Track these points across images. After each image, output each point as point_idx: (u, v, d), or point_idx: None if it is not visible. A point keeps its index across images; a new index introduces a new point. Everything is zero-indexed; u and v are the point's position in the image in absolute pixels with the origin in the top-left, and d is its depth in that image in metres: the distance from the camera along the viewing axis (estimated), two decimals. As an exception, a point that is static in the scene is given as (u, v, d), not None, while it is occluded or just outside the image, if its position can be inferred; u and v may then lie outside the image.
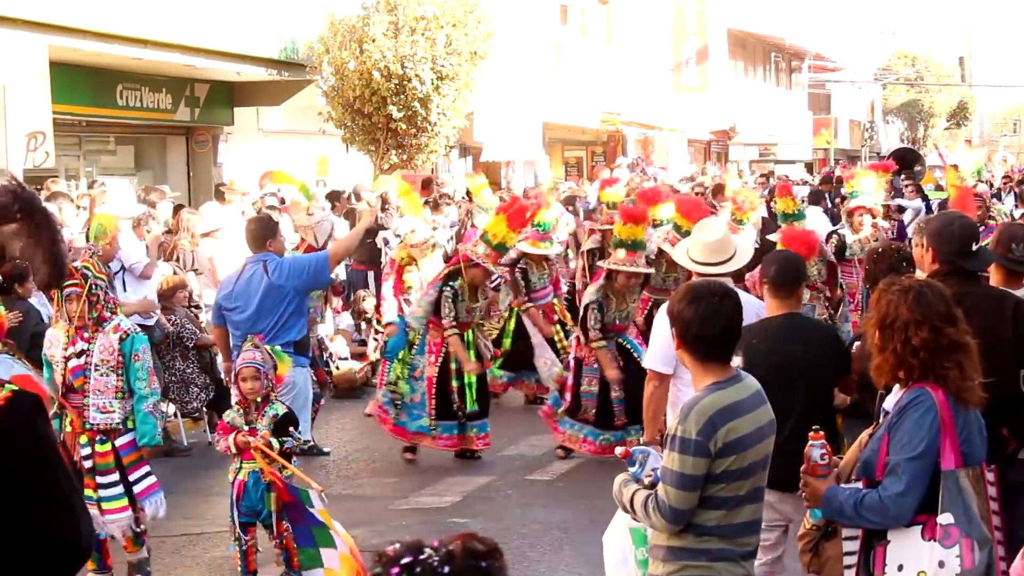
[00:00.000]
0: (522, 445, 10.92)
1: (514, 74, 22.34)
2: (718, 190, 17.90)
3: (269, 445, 6.80)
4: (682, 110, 34.42)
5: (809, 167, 43.10)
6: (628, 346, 10.01)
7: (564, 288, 12.81)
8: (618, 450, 4.69)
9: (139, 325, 10.44)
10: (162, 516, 7.27)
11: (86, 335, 6.93)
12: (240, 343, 8.34)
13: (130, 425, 7.00)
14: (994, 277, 5.90)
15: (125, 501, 6.97)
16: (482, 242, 10.04)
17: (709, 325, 4.20)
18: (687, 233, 8.83)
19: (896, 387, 4.32)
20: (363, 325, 14.51)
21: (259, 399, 7.01)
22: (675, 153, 35.28)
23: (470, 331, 10.19)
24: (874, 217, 11.91)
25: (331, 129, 18.37)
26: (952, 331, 4.20)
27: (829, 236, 11.69)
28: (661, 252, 10.72)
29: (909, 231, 15.04)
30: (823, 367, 5.74)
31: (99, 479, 6.91)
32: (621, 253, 9.61)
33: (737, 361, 5.59)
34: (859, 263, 11.18)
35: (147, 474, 7.13)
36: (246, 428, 6.95)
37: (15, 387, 3.15)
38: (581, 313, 9.98)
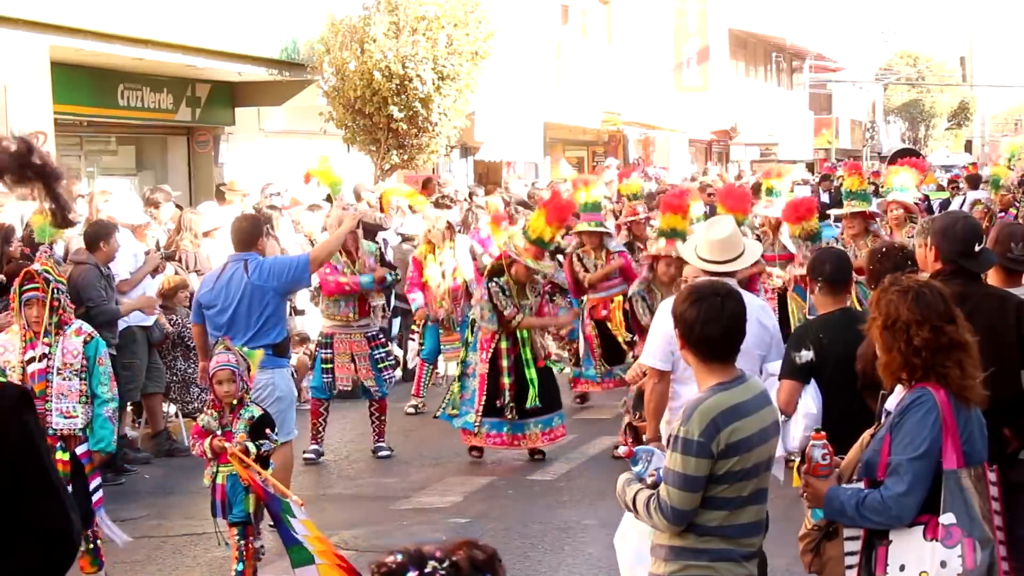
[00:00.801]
0: (523, 445, 10.92)
1: (515, 74, 22.34)
2: (755, 189, 17.88)
3: (246, 451, 6.64)
4: (683, 110, 34.40)
5: (810, 167, 43.06)
6: None
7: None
8: (622, 449, 4.69)
9: (139, 326, 10.51)
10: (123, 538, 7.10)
11: (46, 339, 6.74)
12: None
13: (89, 432, 6.84)
14: (993, 277, 5.87)
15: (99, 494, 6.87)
16: (522, 236, 10.06)
17: (712, 326, 4.19)
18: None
19: (898, 387, 4.32)
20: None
21: (234, 402, 6.90)
22: (676, 153, 35.27)
23: (524, 330, 10.14)
24: (908, 212, 11.89)
25: (332, 129, 18.35)
26: (952, 330, 4.21)
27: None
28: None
29: None
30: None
31: None
32: (662, 243, 9.37)
33: (808, 356, 5.73)
34: None
35: (100, 486, 7.00)
36: (220, 432, 6.80)
37: (2, 379, 3.14)
38: (627, 308, 9.87)
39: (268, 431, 6.89)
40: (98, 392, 6.85)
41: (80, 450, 6.84)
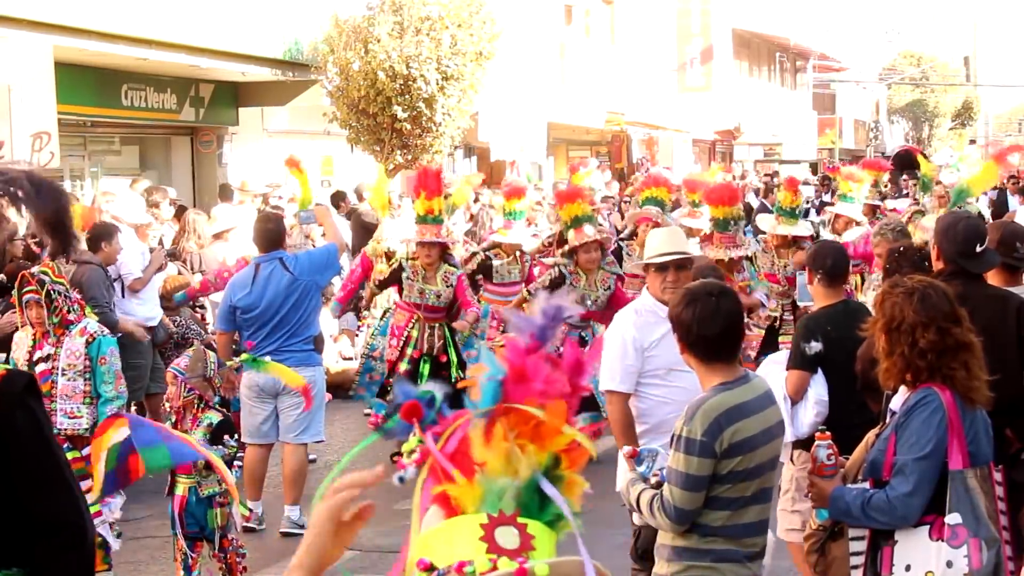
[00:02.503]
0: (527, 445, 10.90)
1: (519, 74, 22.34)
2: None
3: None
4: (687, 110, 34.38)
5: (814, 167, 43.04)
6: (587, 340, 9.66)
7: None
8: (626, 449, 4.68)
9: (143, 327, 10.50)
10: (116, 515, 6.96)
11: (52, 339, 6.80)
12: (263, 342, 8.24)
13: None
14: (994, 276, 5.84)
15: (98, 506, 6.61)
16: (415, 223, 9.95)
17: (708, 325, 4.20)
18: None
19: (903, 388, 4.31)
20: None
21: (196, 407, 6.68)
22: (680, 153, 35.23)
23: (435, 324, 9.82)
24: (857, 223, 11.86)
25: (336, 129, 18.36)
26: (958, 331, 4.19)
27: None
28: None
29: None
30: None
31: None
32: (572, 234, 9.50)
33: (818, 347, 5.80)
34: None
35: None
36: None
37: (8, 366, 3.07)
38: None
39: (226, 437, 6.71)
40: (102, 391, 6.86)
41: (87, 450, 6.73)
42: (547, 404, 1.95)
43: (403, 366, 9.89)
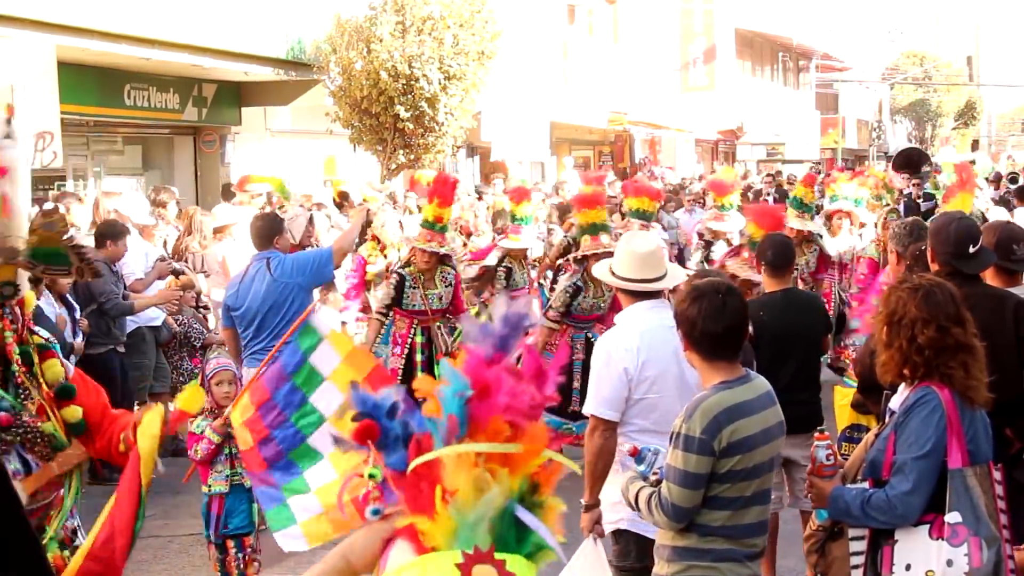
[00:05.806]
0: (529, 445, 10.91)
1: (521, 74, 22.34)
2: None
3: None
4: (689, 110, 34.38)
5: (816, 167, 43.03)
6: (594, 340, 9.63)
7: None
8: (627, 447, 4.68)
9: (148, 326, 10.52)
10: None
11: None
12: (250, 342, 8.26)
13: None
14: (993, 278, 5.81)
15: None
16: (420, 227, 9.71)
17: (712, 322, 4.20)
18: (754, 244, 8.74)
19: (902, 386, 4.32)
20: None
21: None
22: (682, 153, 35.25)
23: (436, 324, 9.60)
24: (852, 222, 11.94)
25: (338, 129, 18.40)
26: (959, 332, 4.20)
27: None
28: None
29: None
30: (815, 329, 6.88)
31: None
32: (587, 240, 9.09)
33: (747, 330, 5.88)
34: (839, 266, 11.22)
35: None
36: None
37: None
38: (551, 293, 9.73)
39: None
40: None
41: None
42: (525, 429, 1.83)
43: (419, 375, 9.67)
